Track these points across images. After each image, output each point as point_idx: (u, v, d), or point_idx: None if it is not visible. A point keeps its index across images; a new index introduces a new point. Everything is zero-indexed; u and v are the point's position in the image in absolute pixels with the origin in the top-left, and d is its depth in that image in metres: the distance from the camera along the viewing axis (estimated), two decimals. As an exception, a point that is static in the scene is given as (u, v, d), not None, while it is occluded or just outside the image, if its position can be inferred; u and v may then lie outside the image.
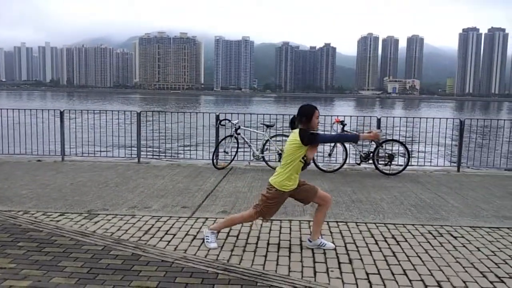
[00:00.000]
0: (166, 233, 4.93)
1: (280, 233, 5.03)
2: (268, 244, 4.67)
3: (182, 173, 8.46)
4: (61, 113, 10.11)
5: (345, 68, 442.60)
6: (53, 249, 4.37)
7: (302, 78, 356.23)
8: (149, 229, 5.07)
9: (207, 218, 5.49)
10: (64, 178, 7.81)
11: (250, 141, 9.45)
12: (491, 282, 3.88)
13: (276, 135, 9.41)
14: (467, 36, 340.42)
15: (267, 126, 9.15)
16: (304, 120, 4.51)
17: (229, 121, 9.27)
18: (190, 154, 11.09)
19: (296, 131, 4.49)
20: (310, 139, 4.41)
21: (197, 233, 4.95)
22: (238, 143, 9.08)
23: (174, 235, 4.89)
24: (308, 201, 4.77)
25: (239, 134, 9.07)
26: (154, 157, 10.44)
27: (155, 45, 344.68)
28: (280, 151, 9.11)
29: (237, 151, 9.13)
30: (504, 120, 13.33)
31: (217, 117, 9.61)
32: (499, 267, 4.22)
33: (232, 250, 4.46)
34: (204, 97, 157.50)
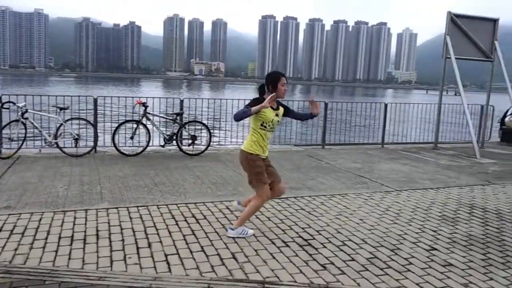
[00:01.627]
0: None
1: (74, 224, 4.67)
2: (59, 238, 4.29)
3: (-45, 165, 7.20)
4: None
5: (151, 49, 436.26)
6: None
7: (106, 57, 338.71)
8: None
9: (-15, 216, 4.78)
10: None
11: (41, 126, 8.56)
12: (278, 248, 4.27)
13: (71, 119, 8.70)
14: (266, 23, 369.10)
15: (61, 109, 8.40)
16: (270, 87, 4.43)
17: (14, 103, 8.19)
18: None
19: None
20: (252, 101, 4.39)
21: (-28, 234, 4.27)
22: (26, 128, 8.11)
23: None
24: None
25: (26, 118, 8.09)
26: None
27: None
28: (76, 136, 8.48)
29: (25, 138, 8.16)
30: (294, 101, 14.84)
31: (-1, 99, 8.42)
32: (285, 233, 4.69)
33: (16, 249, 3.97)
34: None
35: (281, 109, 4.62)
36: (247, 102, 11.08)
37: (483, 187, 7.32)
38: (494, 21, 11.77)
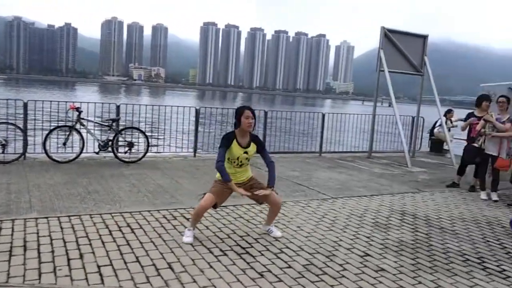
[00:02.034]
0: None
1: (-1, 235, 4.39)
2: (-18, 250, 4.01)
3: None
4: None
5: (87, 51, 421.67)
6: None
7: (39, 59, 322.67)
8: None
9: None
10: None
11: None
12: (216, 257, 4.24)
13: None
14: (208, 30, 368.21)
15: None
16: (236, 120, 4.60)
17: None
18: None
19: None
20: (221, 141, 4.62)
21: None
22: None
23: None
24: (259, 202, 4.96)
25: None
26: None
27: None
28: (4, 142, 7.99)
29: None
30: (233, 109, 14.90)
31: None
32: (223, 242, 4.66)
33: None
34: None
35: (253, 146, 4.71)
36: (187, 109, 10.94)
37: (413, 194, 7.69)
38: (424, 37, 12.46)
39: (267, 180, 4.79)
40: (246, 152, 4.66)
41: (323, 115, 12.17)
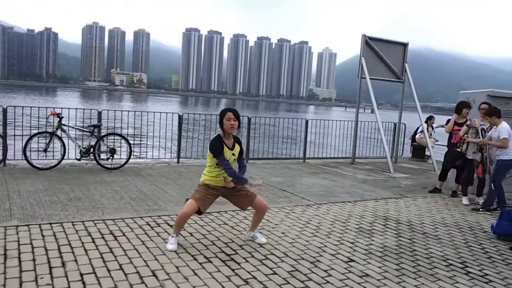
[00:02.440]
0: None
1: (-23, 244, 4.28)
2: (-41, 259, 3.91)
3: None
4: None
5: (68, 56, 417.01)
6: None
7: (18, 63, 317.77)
8: None
9: None
10: None
11: None
12: (200, 264, 4.19)
13: None
14: (190, 36, 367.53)
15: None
16: (219, 123, 4.61)
17: None
18: None
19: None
20: (212, 150, 4.56)
21: None
22: None
23: None
24: (243, 207, 4.95)
25: None
26: None
27: None
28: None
29: None
30: (216, 115, 14.85)
31: None
32: (208, 249, 4.62)
33: None
34: None
35: (237, 146, 4.77)
36: (169, 115, 10.88)
37: (396, 200, 7.76)
38: (404, 45, 12.63)
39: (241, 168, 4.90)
40: (233, 154, 4.71)
41: (307, 121, 12.23)
